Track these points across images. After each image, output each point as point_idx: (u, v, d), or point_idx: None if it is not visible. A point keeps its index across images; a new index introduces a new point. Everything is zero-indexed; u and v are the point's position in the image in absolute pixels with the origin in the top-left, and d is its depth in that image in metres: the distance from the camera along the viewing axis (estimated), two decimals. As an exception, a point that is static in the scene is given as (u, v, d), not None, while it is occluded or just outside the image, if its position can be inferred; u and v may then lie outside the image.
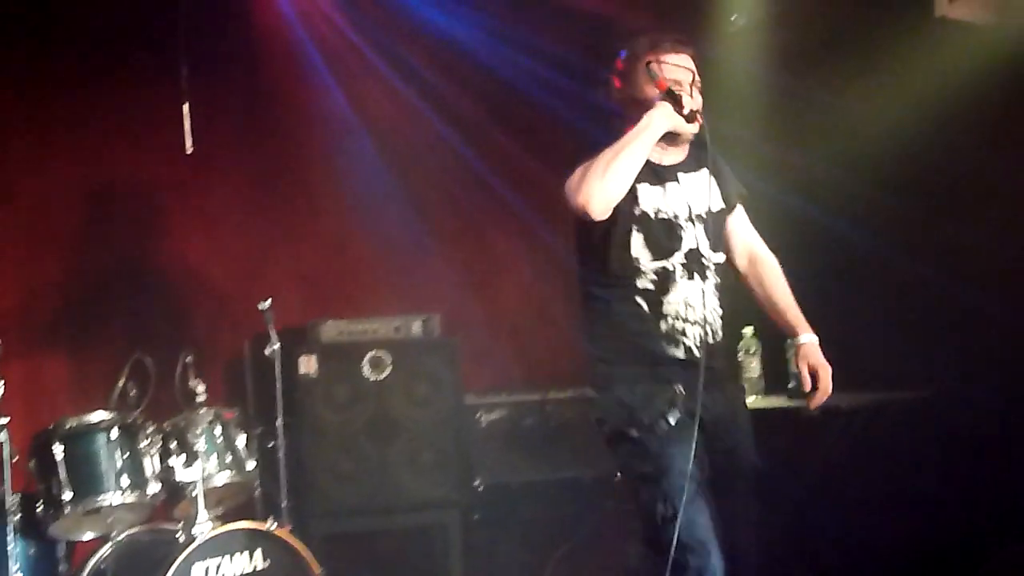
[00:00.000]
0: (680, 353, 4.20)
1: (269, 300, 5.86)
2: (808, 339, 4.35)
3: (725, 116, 5.15)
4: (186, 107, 6.67)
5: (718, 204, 4.40)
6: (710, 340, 4.23)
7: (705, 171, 4.37)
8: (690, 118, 4.22)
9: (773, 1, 6.45)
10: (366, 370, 6.48)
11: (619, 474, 6.85)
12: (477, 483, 6.70)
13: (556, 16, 7.29)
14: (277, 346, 5.90)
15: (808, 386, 4.29)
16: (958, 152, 5.71)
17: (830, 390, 4.29)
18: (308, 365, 6.41)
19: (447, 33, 7.23)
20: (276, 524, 5.53)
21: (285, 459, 5.92)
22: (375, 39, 7.18)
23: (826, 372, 4.29)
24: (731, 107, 6.08)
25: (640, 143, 4.16)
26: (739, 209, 4.54)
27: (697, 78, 4.32)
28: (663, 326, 4.19)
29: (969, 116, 5.59)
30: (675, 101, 4.21)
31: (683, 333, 4.20)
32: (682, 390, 4.14)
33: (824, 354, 4.36)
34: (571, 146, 7.64)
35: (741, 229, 4.55)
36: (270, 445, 5.93)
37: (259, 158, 7.10)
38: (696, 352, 4.18)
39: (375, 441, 6.47)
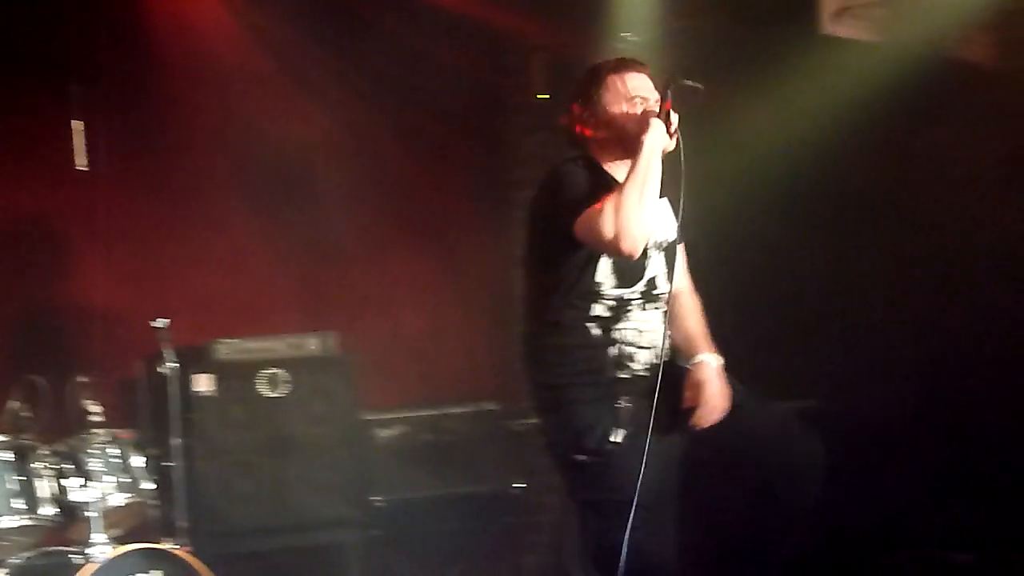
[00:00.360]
0: (626, 375, 4.17)
1: (165, 319, 5.81)
2: (704, 358, 4.24)
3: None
4: (77, 124, 6.59)
5: (674, 234, 4.31)
6: (657, 363, 4.16)
7: (665, 199, 4.27)
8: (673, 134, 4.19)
9: (664, 19, 6.53)
10: (263, 388, 6.45)
11: (515, 488, 6.95)
12: (375, 500, 6.68)
13: (453, 33, 7.31)
14: (172, 365, 5.85)
15: (693, 403, 4.16)
16: (842, 166, 5.85)
17: (718, 411, 4.15)
18: (204, 384, 6.37)
19: (349, 49, 7.22)
20: (174, 545, 5.47)
21: (182, 479, 5.87)
22: (278, 55, 7.13)
23: (713, 392, 4.16)
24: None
25: (654, 173, 4.07)
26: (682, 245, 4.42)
27: (656, 98, 4.24)
28: (612, 352, 4.15)
29: (853, 131, 5.72)
30: (667, 120, 4.15)
31: (631, 359, 4.17)
32: (627, 402, 4.11)
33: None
34: (472, 166, 7.71)
35: (681, 264, 4.41)
36: (166, 465, 5.87)
37: (154, 176, 7.03)
38: (641, 373, 4.15)
39: (272, 460, 6.42)
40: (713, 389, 4.15)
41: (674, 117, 4.20)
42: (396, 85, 7.35)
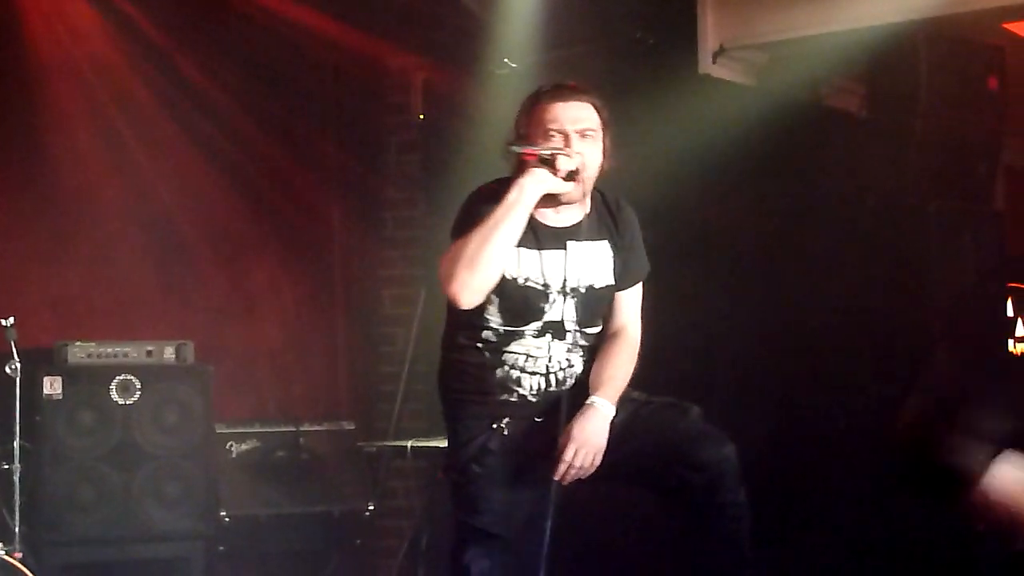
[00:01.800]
0: (513, 398, 4.05)
1: (11, 318, 5.64)
2: (593, 401, 3.97)
3: (494, 159, 5.17)
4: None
5: (606, 280, 4.11)
6: (552, 388, 4.05)
7: (605, 242, 4.09)
8: (569, 177, 3.93)
9: (543, 48, 6.53)
10: (114, 394, 6.30)
11: (367, 510, 6.88)
12: (223, 514, 6.56)
13: (322, 49, 7.24)
14: (17, 365, 5.68)
15: (562, 446, 3.93)
16: (713, 204, 5.91)
17: (577, 467, 3.91)
18: (52, 387, 6.19)
19: (224, 53, 7.11)
20: (6, 550, 5.31)
21: (20, 483, 5.69)
22: (147, 58, 7.00)
23: (578, 447, 3.90)
24: (499, 149, 6.12)
25: (511, 221, 3.84)
26: (634, 288, 4.21)
27: (592, 128, 4.00)
28: (498, 373, 4.02)
29: (728, 170, 5.78)
30: (550, 165, 3.91)
31: (517, 383, 4.03)
32: (504, 426, 4.01)
33: None
34: (346, 182, 7.64)
35: (625, 308, 4.19)
36: (5, 467, 5.70)
37: (8, 172, 6.83)
38: (530, 397, 4.04)
39: (119, 468, 6.27)
40: (582, 433, 3.91)
41: (588, 154, 3.98)
42: (272, 92, 7.26)
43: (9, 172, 6.81)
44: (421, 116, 7.54)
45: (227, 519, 6.57)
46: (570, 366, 4.09)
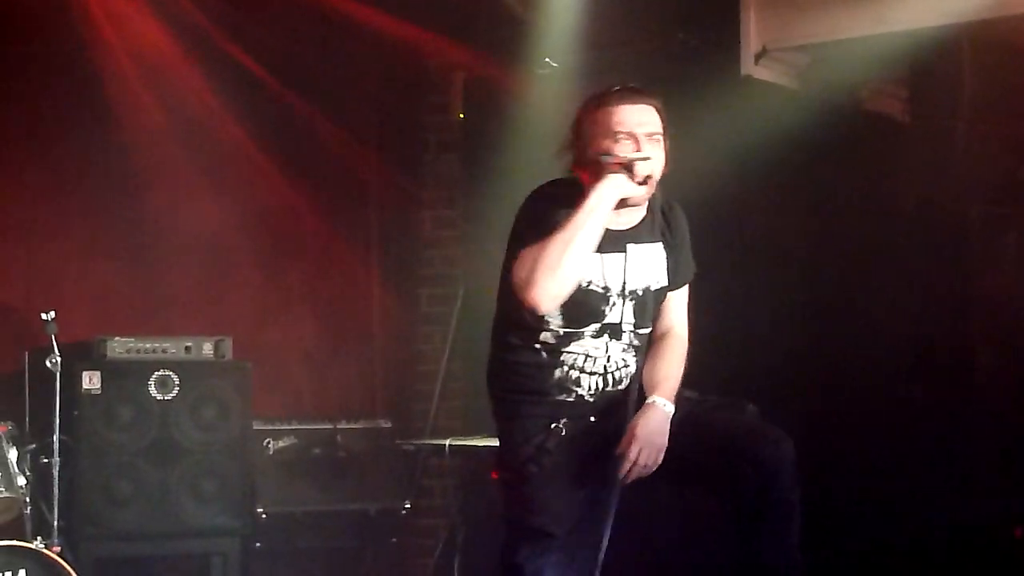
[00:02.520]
0: (570, 398, 4.02)
1: (52, 312, 5.67)
2: (655, 400, 3.96)
3: (533, 159, 5.16)
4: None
5: (661, 282, 4.08)
6: (608, 388, 4.03)
7: (660, 244, 4.06)
8: (643, 182, 3.89)
9: (585, 49, 6.53)
10: (152, 390, 6.32)
11: (403, 508, 6.89)
12: (260, 511, 6.58)
13: (364, 47, 7.25)
14: (58, 359, 5.70)
15: (625, 445, 3.91)
16: (756, 206, 5.90)
17: (641, 465, 3.89)
18: (91, 381, 6.22)
19: (260, 56, 7.14)
20: (44, 544, 5.34)
21: (60, 477, 5.72)
22: (192, 41, 7.02)
23: (642, 446, 3.88)
24: (539, 149, 6.12)
25: (592, 227, 3.80)
26: (683, 289, 4.20)
27: (657, 131, 3.93)
28: (557, 374, 3.99)
29: (769, 172, 5.77)
30: (629, 170, 3.86)
31: (576, 383, 4.01)
32: (562, 427, 3.97)
33: None
34: (383, 181, 7.65)
35: (674, 308, 4.18)
36: (44, 461, 5.73)
37: (48, 167, 6.87)
38: (587, 397, 4.02)
39: (156, 463, 6.29)
40: (645, 431, 3.89)
41: (656, 158, 3.93)
42: (313, 90, 7.27)
43: (50, 168, 6.86)
44: (461, 115, 7.55)
45: (264, 516, 6.60)
46: (626, 366, 4.07)
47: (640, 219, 4.05)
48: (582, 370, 4.01)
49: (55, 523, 5.67)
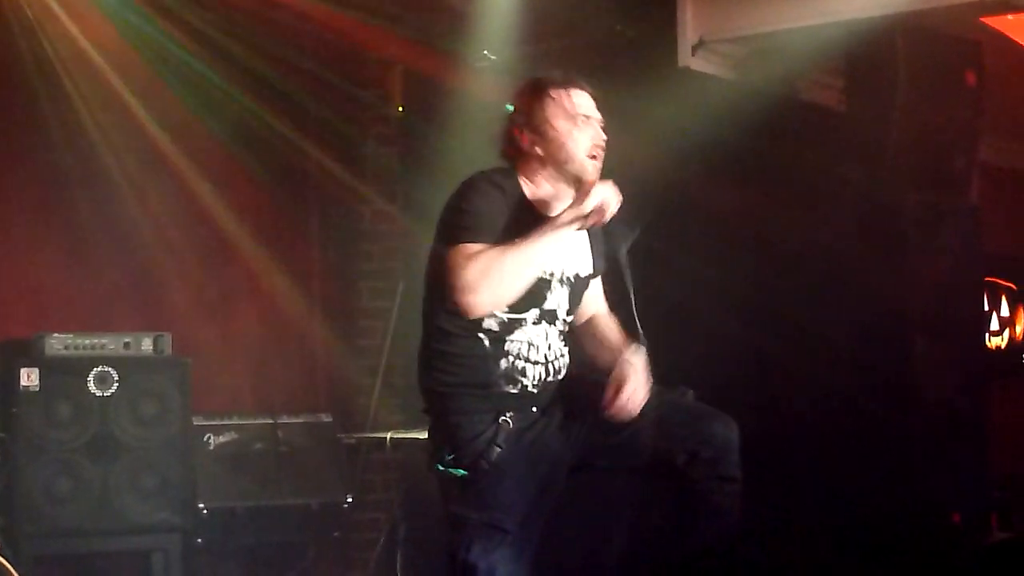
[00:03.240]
0: (515, 389, 4.01)
1: (-11, 309, 5.64)
2: (634, 345, 4.04)
3: (473, 153, 5.16)
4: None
5: (587, 268, 4.14)
6: (549, 378, 4.05)
7: (584, 231, 4.05)
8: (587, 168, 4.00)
9: (524, 41, 6.54)
10: (91, 386, 6.28)
11: (345, 502, 6.88)
12: (201, 506, 6.55)
13: (302, 39, 7.23)
14: (-4, 356, 5.67)
15: (614, 392, 3.91)
16: (694, 197, 5.94)
17: (637, 401, 3.92)
18: (29, 378, 6.17)
19: (203, 45, 7.09)
20: (-18, 543, 5.32)
21: (1, 475, 5.68)
22: (129, 31, 6.97)
23: (639, 382, 3.93)
24: (478, 143, 6.13)
25: (546, 251, 3.86)
26: (600, 276, 4.26)
27: (599, 118, 4.07)
28: (503, 364, 3.97)
29: (708, 163, 5.81)
30: (594, 158, 4.01)
31: (522, 372, 4.00)
32: (509, 420, 3.96)
33: None
34: (323, 175, 7.63)
35: (599, 293, 4.27)
36: (-17, 459, 5.70)
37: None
38: (531, 388, 4.02)
39: (96, 460, 6.26)
40: (640, 366, 3.94)
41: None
42: (249, 81, 7.23)
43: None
44: (400, 109, 7.54)
45: (205, 511, 6.58)
46: (562, 355, 4.10)
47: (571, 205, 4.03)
48: (527, 359, 4.01)
49: (-6, 521, 5.64)
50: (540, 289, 3.99)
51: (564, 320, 4.10)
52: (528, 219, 3.93)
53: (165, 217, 7.15)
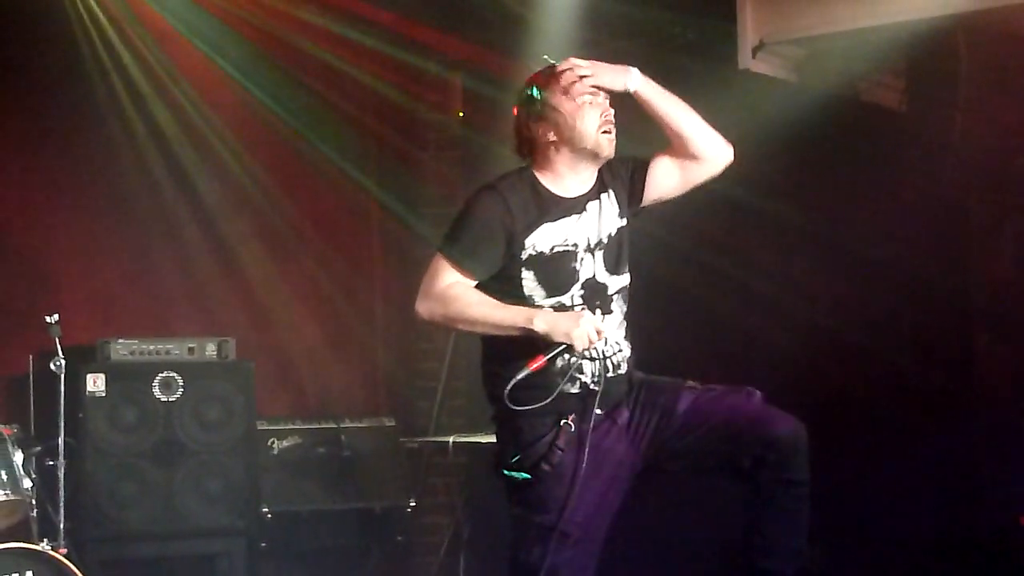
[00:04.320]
0: (575, 388, 4.03)
1: (55, 315, 5.68)
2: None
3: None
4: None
5: (616, 223, 4.16)
6: (609, 374, 4.06)
7: (611, 192, 4.16)
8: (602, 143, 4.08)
9: (583, 44, 6.54)
10: (156, 391, 6.34)
11: (408, 506, 6.91)
12: (265, 510, 6.60)
13: (363, 44, 7.26)
14: (62, 362, 5.71)
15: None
16: (755, 199, 5.92)
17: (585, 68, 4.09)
18: (95, 383, 6.25)
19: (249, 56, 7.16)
20: (51, 546, 5.36)
21: (66, 480, 5.74)
22: (172, 54, 7.05)
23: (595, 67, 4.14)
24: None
25: (504, 328, 3.94)
26: (647, 164, 4.24)
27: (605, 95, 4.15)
28: (559, 363, 3.98)
29: (768, 164, 5.79)
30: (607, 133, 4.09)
31: (579, 370, 4.01)
32: (571, 424, 3.98)
33: None
34: (383, 180, 7.67)
35: (656, 169, 4.25)
36: (50, 464, 5.74)
37: (50, 169, 6.89)
38: (592, 385, 4.02)
39: (161, 464, 6.32)
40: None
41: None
42: (311, 86, 7.28)
43: (52, 170, 6.87)
44: (461, 114, 7.56)
45: (268, 515, 6.62)
46: (620, 350, 4.11)
47: (593, 181, 4.15)
48: (582, 356, 4.02)
49: (61, 525, 5.68)
50: (567, 263, 4.04)
51: (618, 293, 4.12)
52: (548, 205, 4.05)
53: (228, 224, 7.23)
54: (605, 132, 4.10)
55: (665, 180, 4.24)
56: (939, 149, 5.94)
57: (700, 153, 4.23)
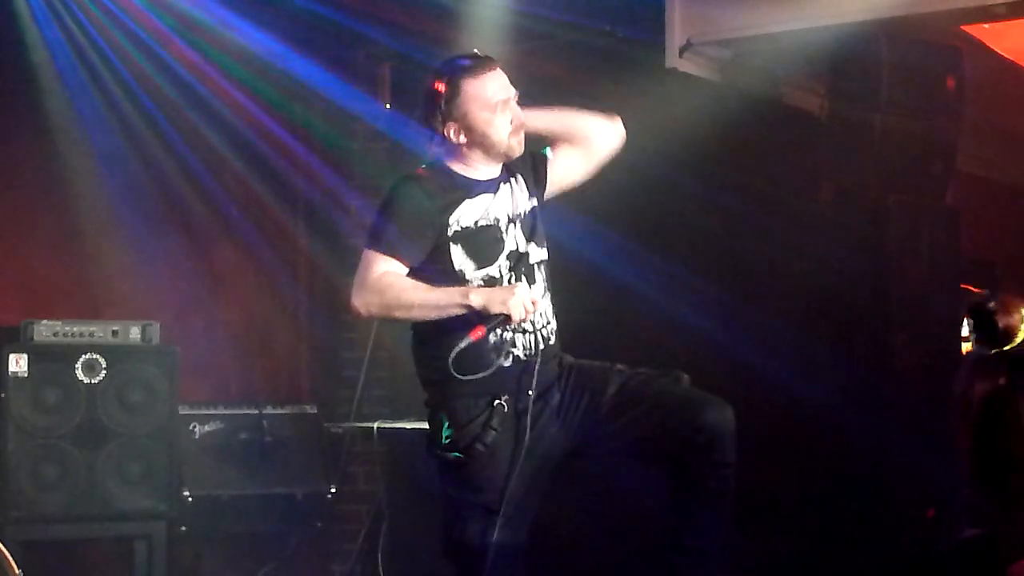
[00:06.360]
0: (508, 362, 4.10)
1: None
2: None
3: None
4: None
5: (529, 202, 4.27)
6: (542, 346, 4.14)
7: (516, 177, 4.28)
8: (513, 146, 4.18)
9: (513, 40, 6.61)
10: (79, 373, 6.33)
11: (328, 493, 6.95)
12: (186, 494, 6.61)
13: (300, 27, 7.28)
14: (-11, 340, 5.71)
15: None
16: (679, 195, 6.02)
17: None
18: (17, 364, 6.22)
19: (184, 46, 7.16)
20: (-27, 524, 5.36)
21: (-13, 460, 5.73)
22: (115, 39, 7.02)
23: None
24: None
25: (441, 307, 4.00)
26: (547, 156, 4.38)
27: (514, 92, 4.21)
28: (491, 338, 4.03)
29: (692, 162, 5.89)
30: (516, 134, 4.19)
31: (512, 344, 4.09)
32: (504, 403, 4.05)
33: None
34: (309, 170, 7.68)
35: (557, 160, 4.38)
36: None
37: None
38: (523, 356, 4.10)
39: (83, 447, 6.30)
40: None
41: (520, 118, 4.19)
42: (237, 80, 7.29)
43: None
44: (387, 105, 7.60)
45: (190, 499, 6.63)
46: (549, 322, 4.20)
47: (500, 169, 4.26)
48: (514, 329, 4.09)
49: (-18, 505, 5.68)
50: (492, 235, 4.15)
51: (539, 264, 4.22)
52: (465, 186, 4.16)
53: (154, 207, 7.21)
54: (514, 135, 4.19)
55: (567, 167, 4.39)
56: (859, 151, 6.07)
57: (590, 141, 4.38)
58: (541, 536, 4.21)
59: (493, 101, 4.14)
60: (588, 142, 4.38)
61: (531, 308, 3.98)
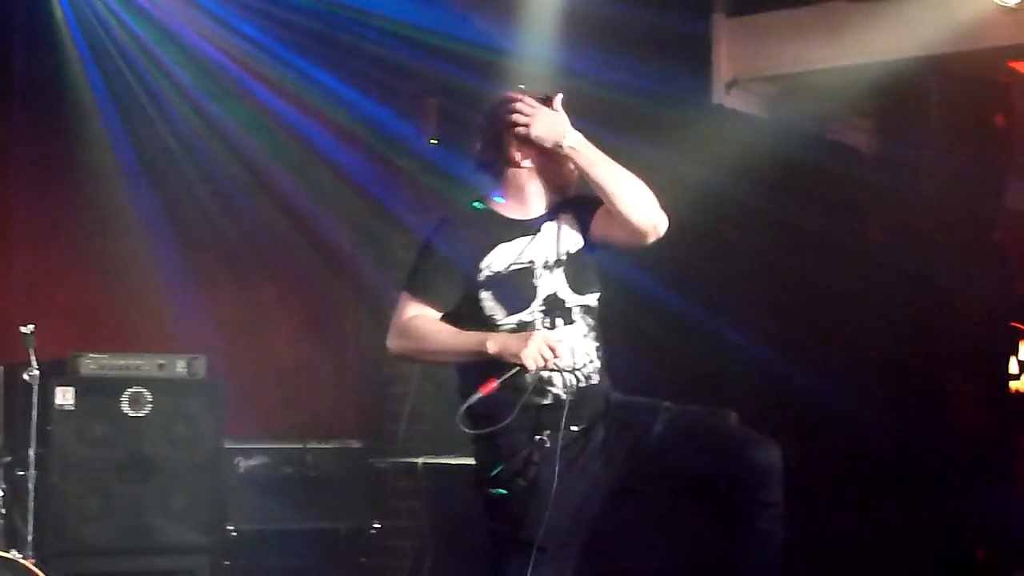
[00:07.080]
0: (547, 400, 4.06)
1: (31, 325, 5.70)
2: None
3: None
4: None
5: (578, 243, 4.19)
6: (582, 384, 4.09)
7: (566, 213, 4.19)
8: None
9: (558, 76, 6.60)
10: (125, 406, 6.36)
11: (372, 528, 6.94)
12: (230, 528, 6.62)
13: (353, 63, 7.31)
14: (36, 372, 5.73)
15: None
16: (725, 234, 5.99)
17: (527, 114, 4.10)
18: (64, 397, 6.26)
19: (233, 71, 7.20)
20: (21, 556, 5.37)
21: (35, 491, 5.75)
22: (160, 69, 7.09)
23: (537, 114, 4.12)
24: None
25: (474, 350, 3.98)
26: (592, 205, 4.22)
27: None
28: (528, 377, 3.98)
29: (739, 199, 5.87)
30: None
31: (549, 382, 4.05)
32: (546, 438, 4.02)
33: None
34: (354, 204, 7.70)
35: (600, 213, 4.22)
36: (20, 474, 5.75)
37: (27, 182, 6.91)
38: (563, 395, 4.05)
39: (128, 480, 6.34)
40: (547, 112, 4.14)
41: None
42: (285, 113, 7.33)
43: (29, 183, 6.89)
44: (433, 141, 7.62)
45: (233, 533, 6.65)
46: (591, 361, 4.14)
47: (550, 205, 4.19)
48: (552, 368, 4.08)
49: (29, 536, 5.69)
50: (524, 280, 4.09)
51: (580, 308, 4.15)
52: (502, 230, 4.10)
53: (203, 241, 7.25)
54: (575, 171, 4.14)
55: (605, 227, 4.21)
56: (908, 188, 6.03)
57: (629, 222, 4.12)
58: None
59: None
60: (627, 223, 4.15)
61: (549, 356, 3.94)
